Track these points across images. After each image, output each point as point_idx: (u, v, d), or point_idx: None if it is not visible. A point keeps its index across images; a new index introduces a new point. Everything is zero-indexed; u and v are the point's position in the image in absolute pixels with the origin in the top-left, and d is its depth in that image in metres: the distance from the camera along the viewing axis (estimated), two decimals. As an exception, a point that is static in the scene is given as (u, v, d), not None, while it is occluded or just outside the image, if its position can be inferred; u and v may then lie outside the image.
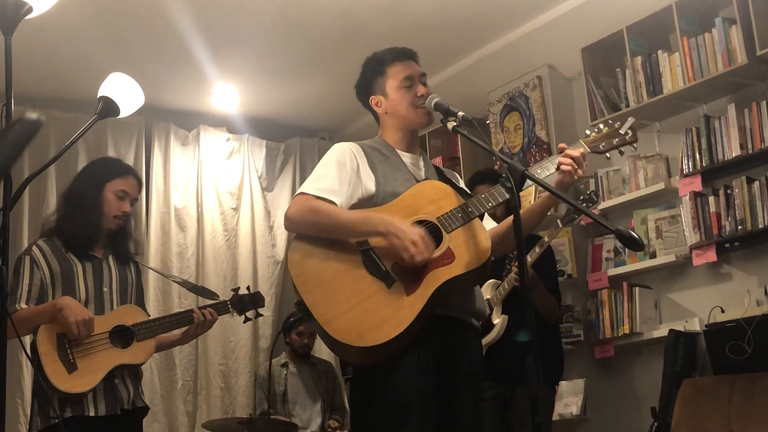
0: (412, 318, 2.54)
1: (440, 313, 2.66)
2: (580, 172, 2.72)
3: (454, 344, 2.74)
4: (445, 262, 2.64)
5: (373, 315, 2.56)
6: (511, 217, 2.88)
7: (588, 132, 2.89)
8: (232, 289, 3.86)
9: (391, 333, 2.52)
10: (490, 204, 2.73)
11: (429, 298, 2.57)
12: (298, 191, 2.77)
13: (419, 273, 2.62)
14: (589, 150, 2.81)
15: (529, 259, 4.14)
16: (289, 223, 2.74)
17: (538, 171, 2.71)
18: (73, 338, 3.24)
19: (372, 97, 2.96)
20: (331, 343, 2.59)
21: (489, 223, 2.96)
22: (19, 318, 3.21)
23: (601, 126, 2.90)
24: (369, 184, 2.79)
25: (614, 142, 2.84)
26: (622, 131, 2.86)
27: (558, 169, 2.73)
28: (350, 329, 2.55)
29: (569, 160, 2.70)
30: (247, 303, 3.82)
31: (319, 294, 2.62)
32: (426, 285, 2.59)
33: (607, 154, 2.87)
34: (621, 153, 2.90)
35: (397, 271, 2.63)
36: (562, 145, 2.80)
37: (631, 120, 2.89)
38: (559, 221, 4.20)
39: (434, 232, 2.67)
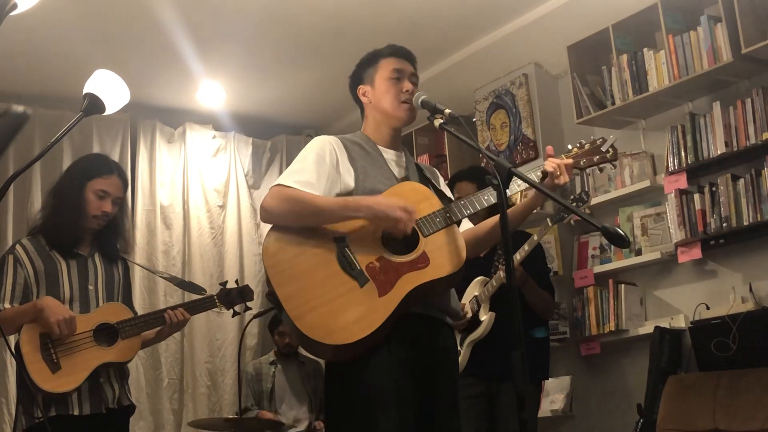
0: (382, 320, 2.55)
1: (417, 312, 2.67)
2: (561, 180, 2.75)
3: (429, 341, 2.75)
4: (419, 266, 2.65)
5: (343, 313, 2.56)
6: (489, 219, 2.93)
7: (570, 147, 2.93)
8: (220, 283, 3.84)
9: (360, 333, 2.53)
10: (469, 211, 2.76)
11: (400, 302, 2.59)
12: (275, 183, 2.75)
13: (392, 275, 2.62)
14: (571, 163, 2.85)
15: (518, 257, 4.15)
16: (266, 213, 2.72)
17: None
18: (56, 338, 3.22)
19: (360, 86, 2.96)
20: (301, 337, 2.58)
21: (465, 224, 2.97)
22: (2, 318, 3.20)
23: (583, 141, 2.93)
24: (348, 178, 2.78)
25: (595, 159, 2.89)
26: (603, 149, 2.90)
27: (543, 175, 2.77)
28: (320, 325, 2.55)
29: (554, 165, 2.74)
30: (235, 297, 3.80)
31: (292, 287, 2.61)
32: (398, 288, 2.61)
33: (587, 170, 2.92)
34: (600, 170, 2.96)
35: (370, 270, 2.63)
36: (549, 148, 2.84)
37: (613, 138, 2.93)
38: (548, 220, 4.20)
39: (411, 234, 2.67)
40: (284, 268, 2.65)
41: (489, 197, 2.77)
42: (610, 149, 2.90)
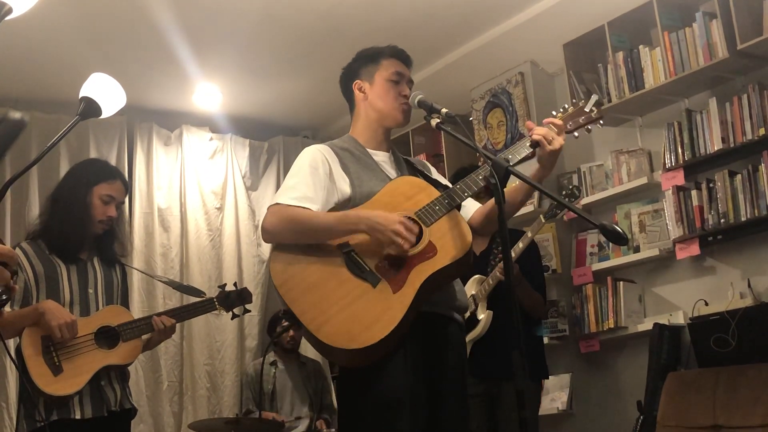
0: (401, 315, 2.54)
1: (424, 310, 2.66)
2: (556, 144, 2.71)
3: (438, 340, 2.75)
4: (428, 256, 2.64)
5: (362, 316, 2.55)
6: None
7: (554, 113, 2.91)
8: (219, 286, 3.85)
9: (382, 332, 2.52)
10: (466, 194, 2.75)
11: (416, 294, 2.57)
12: (273, 202, 2.76)
13: (403, 270, 2.62)
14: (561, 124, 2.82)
15: (512, 254, 4.14)
16: (268, 234, 2.73)
17: (510, 156, 2.73)
18: (57, 341, 3.22)
19: (357, 81, 2.96)
20: (323, 348, 2.58)
21: (474, 205, 2.96)
22: (3, 321, 3.20)
23: (566, 106, 2.92)
24: (344, 186, 2.78)
25: (581, 120, 2.88)
26: (587, 109, 2.88)
27: (533, 147, 2.75)
28: (341, 333, 2.54)
29: (539, 136, 2.70)
30: (234, 299, 3.81)
31: (306, 301, 2.61)
32: (411, 281, 2.59)
33: (575, 133, 2.89)
34: (588, 131, 2.92)
35: (380, 269, 2.63)
36: (529, 123, 2.83)
37: (594, 97, 2.92)
38: (541, 216, 4.20)
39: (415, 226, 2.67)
40: (295, 284, 2.65)
41: (484, 176, 2.75)
42: (594, 108, 2.88)
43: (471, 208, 2.95)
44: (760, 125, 4.27)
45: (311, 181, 2.75)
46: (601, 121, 2.91)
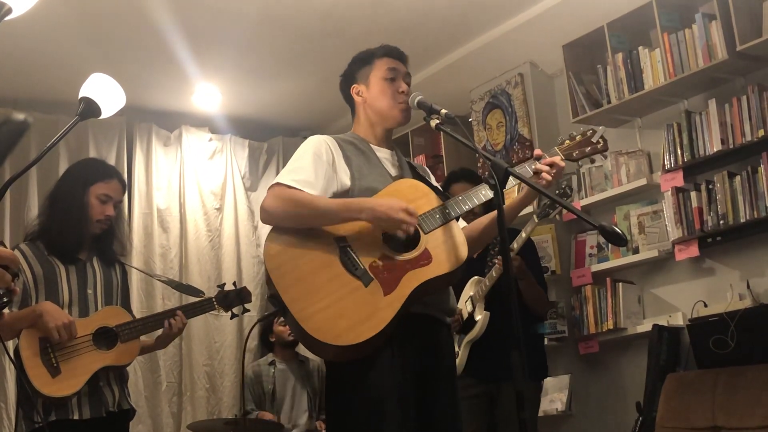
0: (389, 319, 2.56)
1: (417, 311, 2.67)
2: (554, 177, 2.78)
3: (430, 341, 2.76)
4: (422, 263, 2.66)
5: (350, 314, 2.57)
6: (483, 218, 2.96)
7: (561, 139, 2.97)
8: (218, 286, 3.84)
9: (368, 333, 2.53)
10: (467, 206, 2.76)
11: (406, 299, 2.59)
12: (274, 182, 2.75)
13: (396, 273, 2.63)
14: (563, 157, 2.88)
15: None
16: (266, 214, 2.72)
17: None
18: (55, 342, 3.22)
19: (354, 85, 2.98)
20: (307, 339, 2.58)
21: (460, 223, 2.98)
22: (2, 323, 3.20)
23: (574, 133, 2.97)
24: (344, 178, 2.79)
25: (586, 150, 2.94)
26: (594, 140, 2.94)
27: (535, 174, 2.79)
28: (328, 327, 2.55)
29: (547, 168, 2.76)
30: (233, 299, 3.80)
31: (297, 290, 2.61)
32: (403, 286, 2.61)
33: (579, 162, 2.98)
34: (592, 161, 3.00)
35: (374, 269, 2.64)
36: (537, 151, 2.86)
37: (602, 129, 2.98)
38: (534, 216, 4.21)
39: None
40: (287, 270, 2.64)
41: (486, 192, 2.77)
42: (600, 140, 2.94)
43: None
44: (759, 127, 4.26)
45: (313, 167, 2.76)
46: (606, 154, 2.98)
